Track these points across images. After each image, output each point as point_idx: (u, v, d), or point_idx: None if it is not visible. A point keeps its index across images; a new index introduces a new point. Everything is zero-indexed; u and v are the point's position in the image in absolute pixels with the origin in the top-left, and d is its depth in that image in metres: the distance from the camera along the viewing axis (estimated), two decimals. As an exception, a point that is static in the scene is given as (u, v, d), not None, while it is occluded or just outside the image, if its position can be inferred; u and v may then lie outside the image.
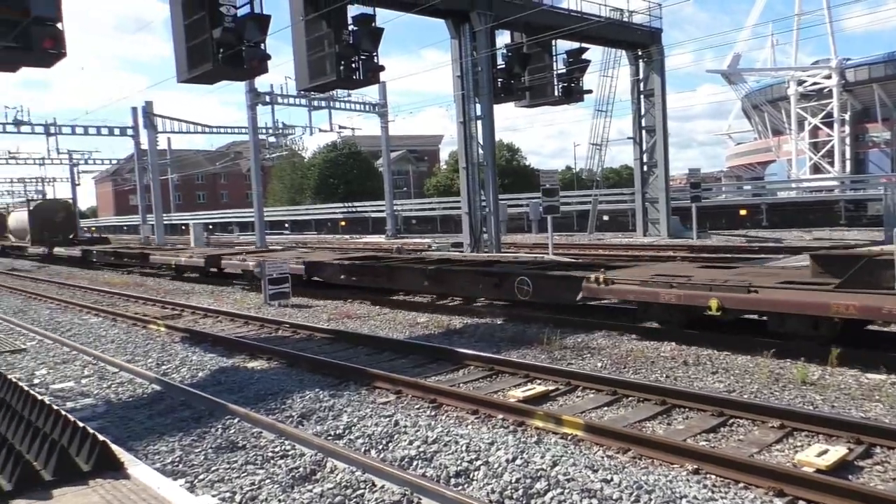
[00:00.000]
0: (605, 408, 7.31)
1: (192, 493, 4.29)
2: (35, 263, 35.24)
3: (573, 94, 24.80)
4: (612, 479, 5.11)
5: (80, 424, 4.85)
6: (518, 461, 5.58)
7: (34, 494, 4.04)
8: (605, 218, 38.99)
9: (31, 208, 39.32)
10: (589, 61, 25.32)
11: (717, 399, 6.93)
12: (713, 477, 5.37)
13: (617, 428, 6.33)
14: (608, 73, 29.76)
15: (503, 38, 24.88)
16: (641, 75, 29.61)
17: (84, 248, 33.02)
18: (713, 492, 5.00)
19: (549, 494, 5.00)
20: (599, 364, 9.07)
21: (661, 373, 8.51)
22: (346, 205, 57.34)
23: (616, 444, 6.06)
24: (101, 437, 4.59)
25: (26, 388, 6.08)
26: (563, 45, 25.16)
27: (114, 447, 4.63)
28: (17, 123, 38.76)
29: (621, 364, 9.00)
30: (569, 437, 6.36)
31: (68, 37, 11.11)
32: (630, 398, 7.45)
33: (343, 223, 55.68)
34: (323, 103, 37.49)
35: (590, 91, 26.66)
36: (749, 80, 75.46)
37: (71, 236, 38.96)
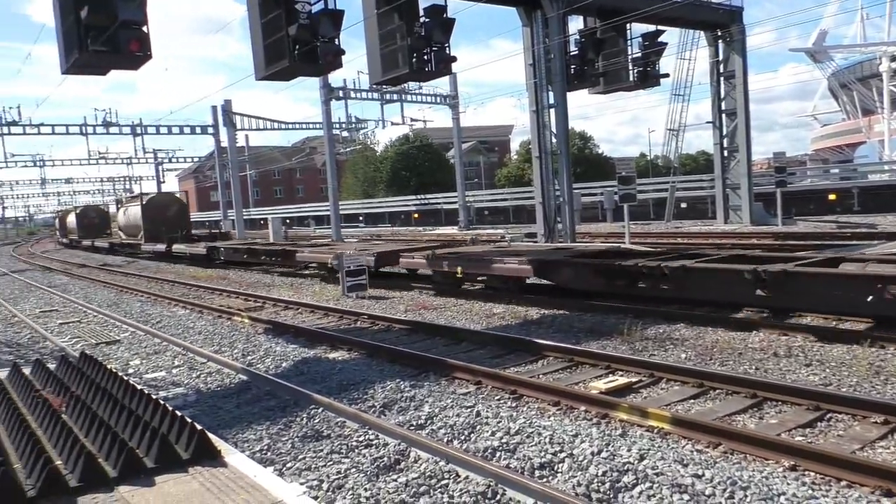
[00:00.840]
0: (692, 400, 7.09)
1: (282, 481, 4.37)
2: (125, 259, 36.94)
3: (649, 78, 24.10)
4: (703, 475, 4.95)
5: (179, 413, 5.02)
6: (604, 454, 5.48)
7: (138, 481, 4.21)
8: (683, 206, 37.89)
9: (143, 202, 36.10)
10: (665, 44, 24.55)
11: (812, 392, 6.62)
12: (812, 474, 5.12)
13: (706, 421, 6.13)
14: (685, 55, 28.91)
15: (575, 25, 24.45)
16: (721, 56, 28.56)
17: (209, 245, 28.58)
18: (813, 489, 4.77)
19: (638, 489, 4.88)
20: (683, 355, 8.81)
21: (749, 364, 8.20)
22: (418, 197, 57.73)
23: (705, 438, 5.87)
24: (198, 426, 4.74)
25: (125, 378, 6.35)
26: (637, 29, 24.54)
27: (210, 436, 4.77)
28: (107, 125, 40.61)
29: (706, 355, 8.72)
30: (655, 431, 6.21)
31: (152, 39, 11.52)
32: (718, 391, 7.20)
33: (416, 215, 56.06)
34: (395, 96, 37.80)
35: (666, 75, 25.83)
36: (836, 58, 71.88)
37: (184, 232, 34.66)
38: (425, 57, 15.56)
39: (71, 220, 57.94)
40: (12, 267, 36.96)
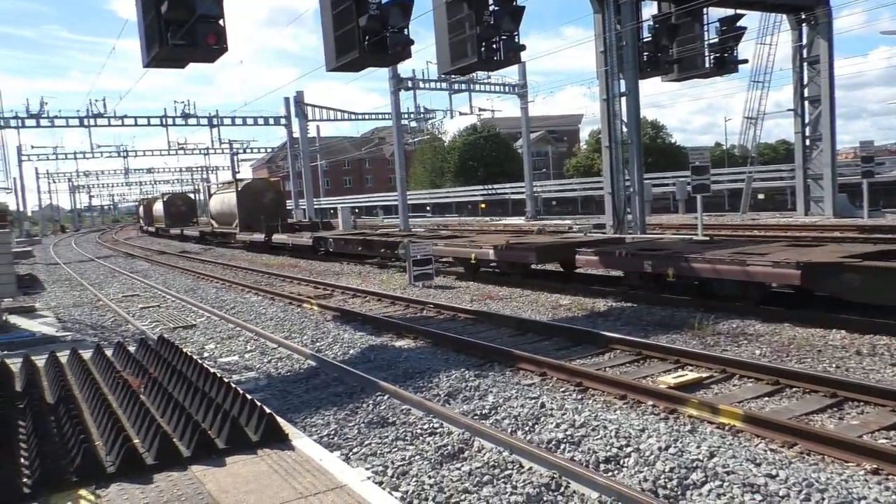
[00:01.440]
0: (766, 398, 6.85)
1: (348, 465, 4.43)
2: (202, 246, 38.25)
3: (726, 64, 23.28)
4: (777, 475, 4.77)
5: (249, 397, 5.17)
6: (671, 450, 5.35)
7: (209, 461, 4.35)
8: (760, 196, 36.55)
9: (238, 188, 33.52)
10: (744, 29, 23.65)
11: (897, 393, 6.27)
12: (896, 478, 4.87)
13: (781, 420, 5.91)
14: (766, 40, 27.73)
15: (649, 11, 23.83)
16: (804, 40, 27.31)
17: (316, 236, 25.79)
18: (897, 494, 4.54)
19: (707, 486, 4.75)
20: (758, 351, 8.51)
21: (829, 362, 7.85)
22: (485, 187, 57.63)
23: (780, 438, 5.66)
24: (267, 410, 4.86)
25: (199, 361, 6.57)
26: (714, 14, 23.73)
27: (279, 419, 4.89)
28: (185, 116, 42.06)
29: (782, 352, 8.40)
30: (726, 428, 6.02)
31: (228, 32, 11.82)
32: (794, 389, 6.93)
33: (483, 205, 56.00)
34: (463, 86, 37.76)
35: (745, 61, 24.93)
36: (931, 41, 67.69)
37: (282, 220, 31.98)
38: (494, 46, 15.44)
39: (158, 207, 57.80)
40: (98, 253, 38.82)
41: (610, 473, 5.16)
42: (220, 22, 11.67)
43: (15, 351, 9.52)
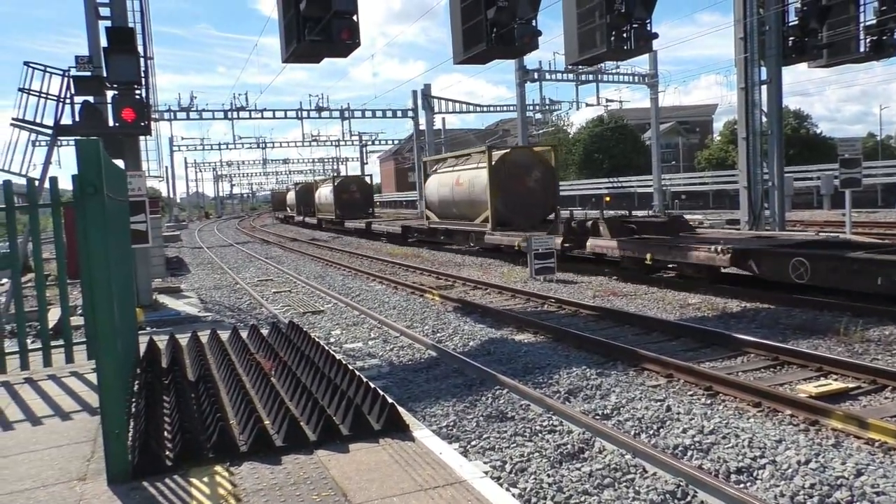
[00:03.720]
0: (924, 415, 6.23)
1: (466, 459, 4.43)
2: (331, 234, 39.80)
3: (885, 48, 21.24)
4: (936, 502, 4.32)
5: (372, 386, 5.28)
6: (812, 464, 4.98)
7: (334, 446, 4.48)
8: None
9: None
10: (906, 8, 21.58)
11: None
12: None
13: (941, 441, 5.34)
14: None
15: (795, -8, 22.20)
16: (976, 20, 24.56)
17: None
18: None
19: (853, 509, 4.37)
20: (914, 363, 7.76)
21: None
22: (610, 180, 56.20)
23: (940, 460, 5.12)
24: (389, 400, 4.95)
25: (325, 347, 6.80)
26: (871, -7, 21.76)
27: (400, 409, 4.97)
28: (319, 109, 43.81)
29: (944, 365, 7.61)
30: (875, 444, 5.52)
31: (360, 28, 12.15)
32: (958, 406, 6.26)
33: (607, 199, 54.64)
34: (591, 77, 36.94)
35: (905, 44, 22.74)
36: None
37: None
38: (624, 35, 14.97)
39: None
40: (237, 239, 41.32)
41: (742, 485, 4.87)
42: (354, 18, 12.02)
43: (162, 329, 10.29)
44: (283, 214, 67.93)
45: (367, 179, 46.16)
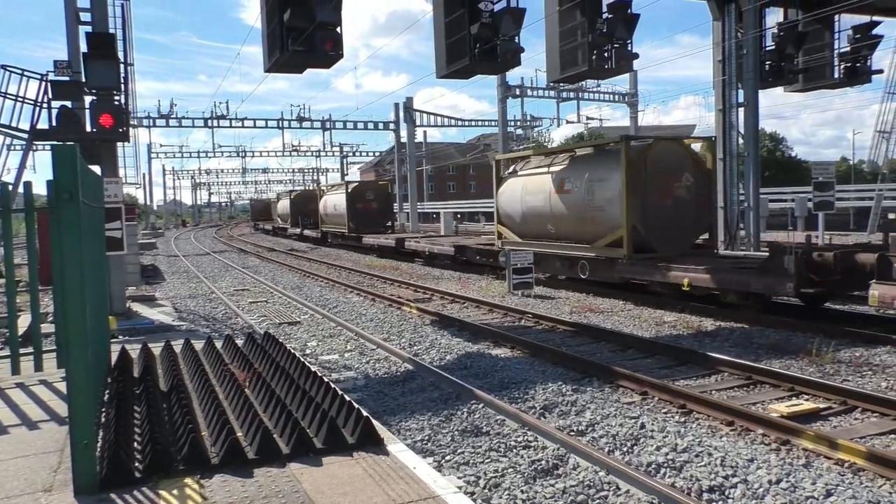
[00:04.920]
0: (893, 435, 6.31)
1: (440, 474, 4.41)
2: (309, 245, 39.59)
3: (858, 75, 21.75)
4: (904, 523, 4.37)
5: (347, 398, 5.25)
6: (783, 484, 5.03)
7: (307, 459, 4.44)
8: (892, 216, 34.01)
9: (349, 190, 33.42)
10: (881, 37, 22.07)
11: None
12: None
13: (909, 462, 5.41)
14: (902, 49, 25.82)
15: (773, 18, 22.64)
16: (946, 50, 25.23)
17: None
18: None
19: (822, 529, 4.41)
20: (884, 384, 7.88)
21: (967, 402, 7.15)
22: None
23: (908, 481, 5.18)
24: (364, 413, 4.92)
25: (301, 359, 6.75)
26: (846, 21, 22.25)
27: (375, 423, 4.94)
28: (300, 119, 43.81)
29: (912, 386, 7.74)
30: (845, 465, 5.58)
31: (344, 39, 12.20)
32: (925, 428, 6.35)
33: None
34: (572, 94, 37.32)
35: (879, 71, 23.28)
36: None
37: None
38: (606, 54, 15.17)
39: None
40: (214, 248, 40.96)
41: (713, 504, 4.89)
42: (338, 29, 12.07)
43: (136, 337, 10.15)
44: (270, 226, 59.58)
45: (387, 186, 36.81)
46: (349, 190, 33.81)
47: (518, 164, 19.43)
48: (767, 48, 21.40)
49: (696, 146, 15.95)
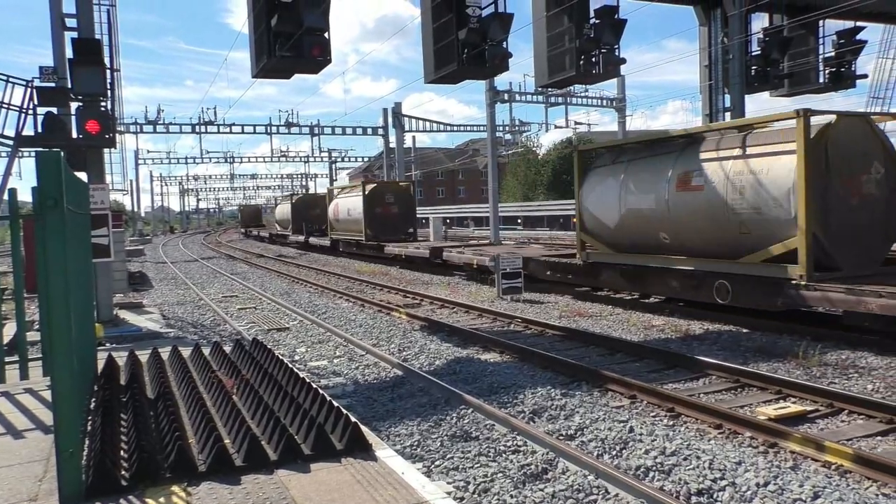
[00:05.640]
0: (879, 437, 6.36)
1: (429, 479, 4.40)
2: (298, 251, 39.47)
3: (843, 79, 21.98)
4: (890, 524, 4.40)
5: (335, 404, 5.23)
6: (771, 487, 5.05)
7: (295, 466, 4.42)
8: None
9: (366, 192, 29.30)
10: (865, 42, 22.32)
11: None
12: None
13: None
14: (889, 54, 26.07)
15: (758, 23, 22.84)
16: (930, 55, 25.49)
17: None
18: None
19: (810, 530, 4.43)
20: (870, 386, 7.93)
21: (951, 403, 7.21)
22: (579, 201, 56.73)
23: (895, 482, 5.22)
24: (353, 419, 4.90)
25: (289, 365, 6.72)
26: (831, 26, 22.49)
27: (363, 429, 4.92)
28: (288, 125, 43.66)
29: (898, 388, 7.80)
30: (832, 467, 5.61)
31: (332, 44, 12.20)
32: (911, 429, 6.40)
33: (575, 219, 55.20)
34: (560, 99, 37.48)
35: (864, 76, 23.50)
36: None
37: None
38: (593, 59, 15.24)
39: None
40: (202, 254, 40.77)
41: (702, 508, 4.91)
42: (325, 35, 12.05)
43: (122, 345, 10.08)
44: (266, 232, 55.24)
45: (409, 187, 32.21)
46: (366, 192, 29.30)
47: (612, 154, 15.63)
48: (753, 53, 21.59)
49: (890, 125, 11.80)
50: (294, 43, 11.81)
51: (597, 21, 15.10)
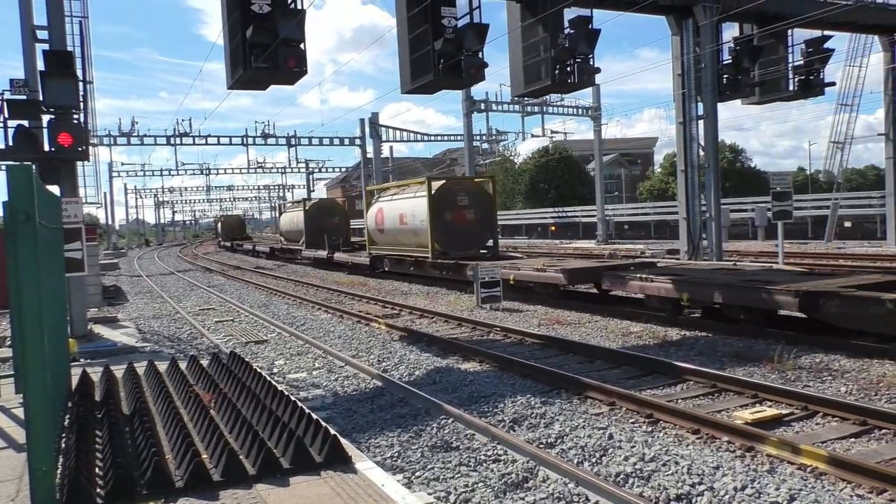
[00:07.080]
0: (852, 439, 6.46)
1: (409, 491, 4.39)
2: (276, 262, 39.21)
3: (812, 87, 22.42)
4: (865, 525, 4.46)
5: (314, 417, 5.20)
6: (748, 490, 5.10)
7: (274, 480, 4.38)
8: (847, 224, 34.96)
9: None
10: (832, 50, 22.77)
11: None
12: None
13: (869, 464, 5.53)
14: (856, 62, 26.65)
15: (729, 33, 23.23)
16: (896, 63, 26.07)
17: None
18: None
19: (787, 533, 4.48)
20: (843, 389, 8.05)
21: (923, 404, 7.34)
22: (556, 209, 57.15)
23: (868, 483, 5.30)
24: (332, 431, 4.88)
25: (268, 378, 6.68)
26: (799, 35, 22.92)
27: (343, 441, 4.90)
28: (265, 136, 43.49)
29: (871, 390, 7.93)
30: (808, 469, 5.68)
31: (308, 55, 12.18)
32: (884, 431, 6.51)
33: (553, 228, 55.51)
34: (536, 108, 37.73)
35: (832, 84, 23.98)
36: None
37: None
38: (568, 68, 15.37)
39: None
40: (178, 267, 40.34)
41: (681, 513, 4.94)
42: (301, 45, 12.04)
43: (97, 360, 9.94)
44: (266, 246, 46.91)
45: (487, 184, 23.01)
46: (433, 191, 21.17)
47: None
48: (725, 62, 21.93)
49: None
50: (270, 54, 11.78)
51: (571, 31, 15.24)
